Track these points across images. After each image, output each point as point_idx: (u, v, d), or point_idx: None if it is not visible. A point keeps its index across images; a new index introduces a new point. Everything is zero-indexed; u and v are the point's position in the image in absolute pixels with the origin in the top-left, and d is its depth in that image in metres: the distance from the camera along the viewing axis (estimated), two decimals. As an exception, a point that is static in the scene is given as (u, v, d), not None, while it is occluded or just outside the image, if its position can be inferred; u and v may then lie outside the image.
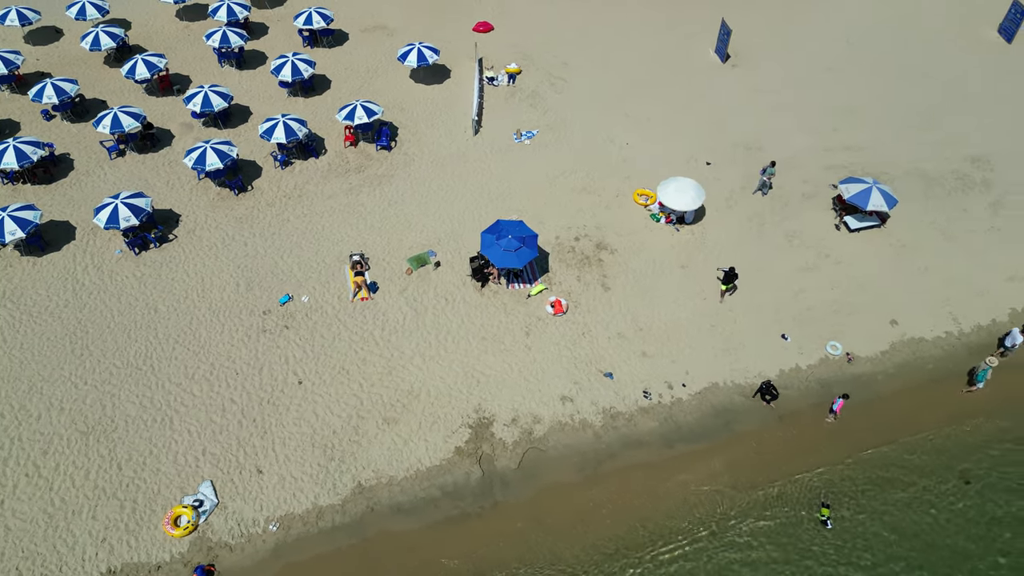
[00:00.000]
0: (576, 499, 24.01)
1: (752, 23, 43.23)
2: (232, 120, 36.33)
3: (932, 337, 28.21)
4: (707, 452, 25.25)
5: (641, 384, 26.56)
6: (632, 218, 31.78)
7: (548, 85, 39.02)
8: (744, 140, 35.67)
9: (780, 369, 27.20)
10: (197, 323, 27.42)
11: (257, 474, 23.84)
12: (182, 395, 25.43)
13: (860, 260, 30.40)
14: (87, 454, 23.91)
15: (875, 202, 29.78)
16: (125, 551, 22.09)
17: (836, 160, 34.57)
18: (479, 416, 25.50)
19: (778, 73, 39.84)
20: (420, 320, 27.86)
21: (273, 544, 22.59)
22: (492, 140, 35.57)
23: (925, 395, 26.78)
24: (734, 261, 30.03)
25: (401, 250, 30.24)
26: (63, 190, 32.48)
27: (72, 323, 27.26)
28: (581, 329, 27.92)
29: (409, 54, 37.53)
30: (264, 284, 28.81)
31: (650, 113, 37.21)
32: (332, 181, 33.26)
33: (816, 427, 25.92)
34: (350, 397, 25.68)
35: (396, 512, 23.49)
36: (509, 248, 27.44)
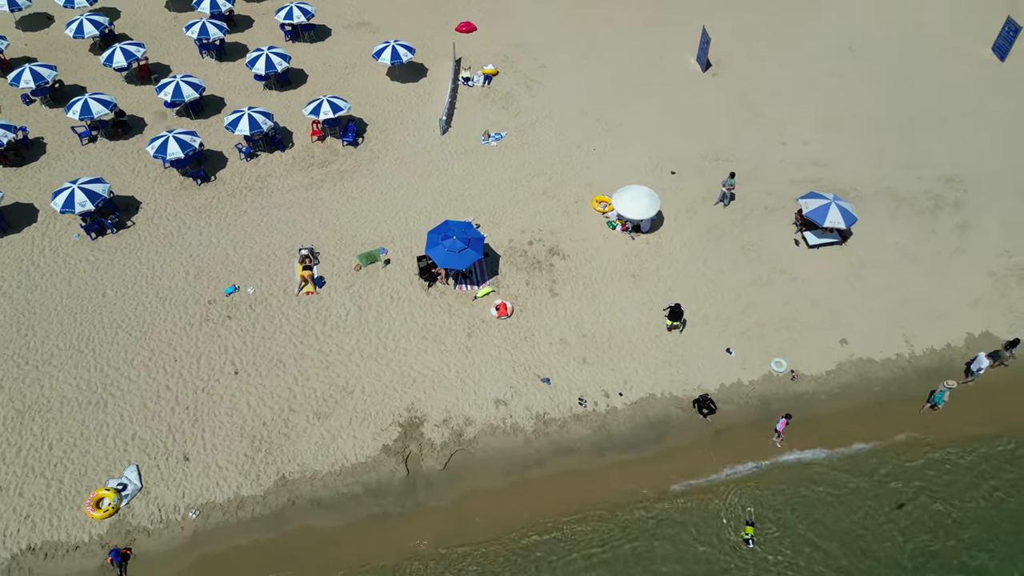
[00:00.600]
0: (498, 504, 23.87)
1: (741, 33, 42.77)
2: (206, 111, 36.69)
3: (882, 359, 27.68)
4: (637, 463, 24.99)
5: (578, 391, 26.37)
6: (589, 224, 31.58)
7: (523, 88, 38.93)
8: (714, 151, 35.30)
9: (721, 383, 26.85)
10: (142, 309, 27.71)
11: (183, 461, 24.01)
12: (119, 379, 25.70)
13: (816, 277, 29.92)
14: (20, 432, 24.25)
15: (832, 218, 29.31)
16: (46, 529, 22.37)
17: (803, 174, 34.08)
18: (411, 415, 25.47)
19: (759, 84, 39.37)
20: (363, 317, 27.90)
21: (191, 531, 22.74)
22: (459, 140, 35.56)
23: (867, 416, 26.25)
24: (687, 272, 29.76)
25: (353, 246, 30.32)
26: (32, 173, 33.00)
27: (21, 304, 27.68)
28: (524, 333, 27.78)
29: (383, 52, 37.65)
30: (213, 274, 29.03)
31: (622, 119, 36.97)
32: (294, 175, 33.45)
33: (750, 443, 25.53)
34: (284, 390, 25.78)
35: (316, 507, 23.53)
36: (453, 249, 27.39)
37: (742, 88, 39.11)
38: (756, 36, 42.90)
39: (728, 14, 44.54)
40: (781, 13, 44.98)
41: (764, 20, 44.32)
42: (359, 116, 36.69)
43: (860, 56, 41.44)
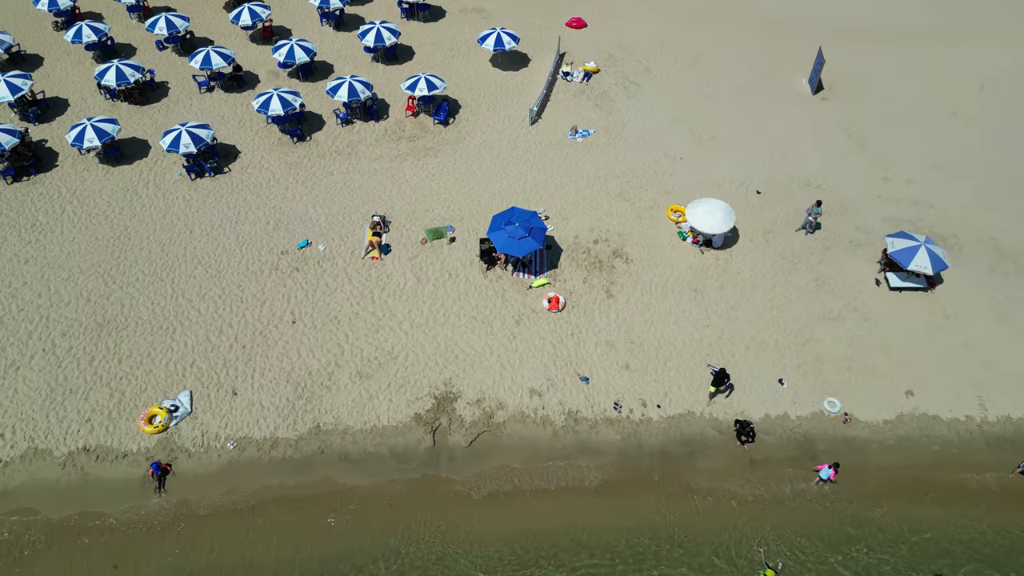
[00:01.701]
0: (513, 491, 24.02)
1: (864, 60, 40.70)
2: (314, 75, 38.55)
3: (949, 418, 25.82)
4: (662, 477, 24.47)
5: (615, 396, 26.09)
6: (659, 232, 31.06)
7: (621, 88, 38.63)
8: (806, 176, 33.85)
9: (767, 413, 25.86)
10: (221, 251, 29.57)
11: (232, 395, 25.53)
12: (190, 310, 27.58)
13: (892, 321, 28.21)
14: (97, 343, 26.49)
15: (919, 262, 27.52)
16: (102, 434, 24.39)
17: (900, 213, 32.12)
18: (446, 390, 26.00)
19: (870, 114, 37.37)
20: (419, 288, 28.66)
21: (226, 461, 24.19)
22: (546, 133, 35.74)
23: (919, 475, 24.60)
24: (752, 294, 28.78)
25: (424, 220, 31.15)
26: (152, 113, 35.80)
27: (120, 229, 30.16)
28: (571, 329, 27.73)
29: (488, 37, 38.32)
30: (291, 227, 30.60)
31: (716, 132, 36.05)
32: (383, 145, 34.67)
33: (785, 479, 24.48)
34: (334, 345, 26.90)
35: (343, 460, 24.48)
36: (514, 235, 27.66)
37: (850, 116, 37.24)
38: (880, 65, 40.68)
39: (854, 39, 42.48)
40: (912, 45, 42.39)
41: (892, 50, 41.92)
42: (454, 97, 37.54)
43: (989, 98, 38.54)
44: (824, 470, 24.08)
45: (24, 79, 34.13)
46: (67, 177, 32.19)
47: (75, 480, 23.37)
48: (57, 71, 37.99)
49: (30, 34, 40.04)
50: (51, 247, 29.24)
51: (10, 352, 25.91)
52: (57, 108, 35.81)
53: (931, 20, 44.56)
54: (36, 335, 26.52)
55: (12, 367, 25.54)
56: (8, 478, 23.23)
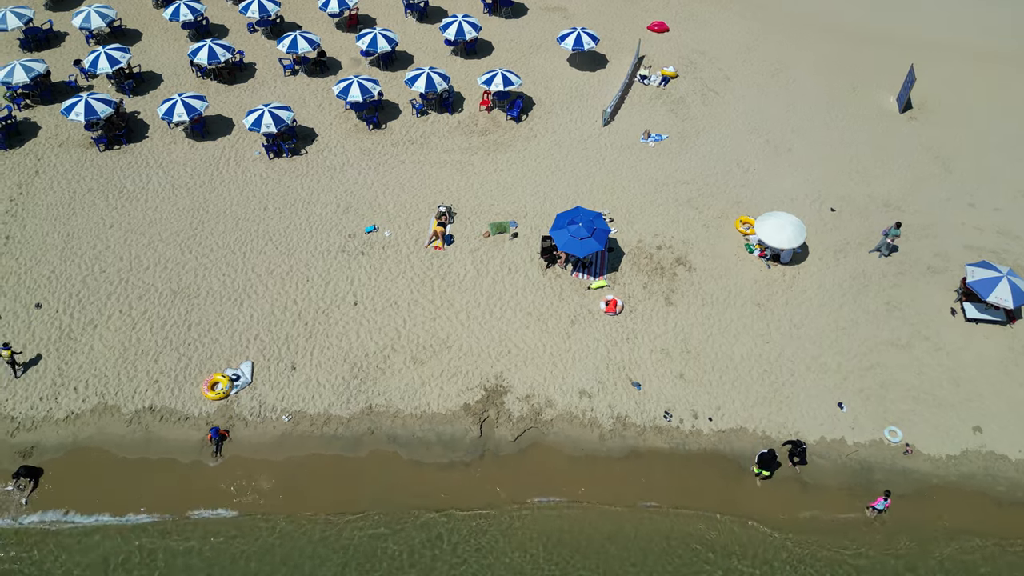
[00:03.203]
0: (553, 488, 24.07)
1: (961, 81, 38.93)
2: (395, 64, 39.32)
3: (1017, 459, 24.55)
4: (701, 490, 24.07)
5: (666, 404, 25.80)
6: (726, 243, 30.49)
7: (699, 95, 38.04)
8: (886, 196, 32.64)
9: (822, 436, 25.12)
10: (292, 229, 30.53)
11: (291, 369, 26.37)
12: (258, 285, 28.59)
13: (966, 353, 26.97)
14: (170, 309, 27.74)
15: (1000, 294, 26.22)
16: (168, 396, 25.56)
17: (984, 242, 30.62)
18: (497, 383, 26.20)
19: (961, 137, 35.72)
20: (479, 281, 28.94)
21: (280, 432, 25.01)
22: (618, 135, 35.52)
23: (982, 515, 23.48)
24: (818, 313, 28.00)
25: (489, 214, 31.42)
26: (238, 92, 37.21)
27: (200, 201, 31.49)
28: (627, 334, 27.53)
29: (568, 37, 38.30)
30: (360, 212, 31.33)
31: (793, 145, 35.11)
32: (455, 137, 35.10)
33: (836, 505, 23.75)
34: (391, 330, 27.44)
35: (391, 441, 24.98)
36: (576, 235, 27.63)
37: (939, 137, 35.68)
38: (977, 86, 38.82)
39: (952, 58, 40.67)
40: (1015, 66, 40.24)
41: (992, 71, 39.92)
42: (529, 94, 37.68)
43: (1095, 127, 36.33)
44: (880, 503, 23.23)
45: (123, 52, 35.97)
46: (155, 148, 33.78)
47: (139, 437, 24.57)
48: (154, 47, 39.87)
49: (131, 10, 42.12)
50: (135, 213, 30.76)
51: (90, 311, 27.39)
52: (151, 82, 37.60)
53: (1035, 42, 42.31)
54: (115, 296, 27.95)
55: (91, 325, 27.00)
56: (78, 430, 24.60)
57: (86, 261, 28.95)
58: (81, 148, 33.50)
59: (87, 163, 32.84)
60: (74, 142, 33.77)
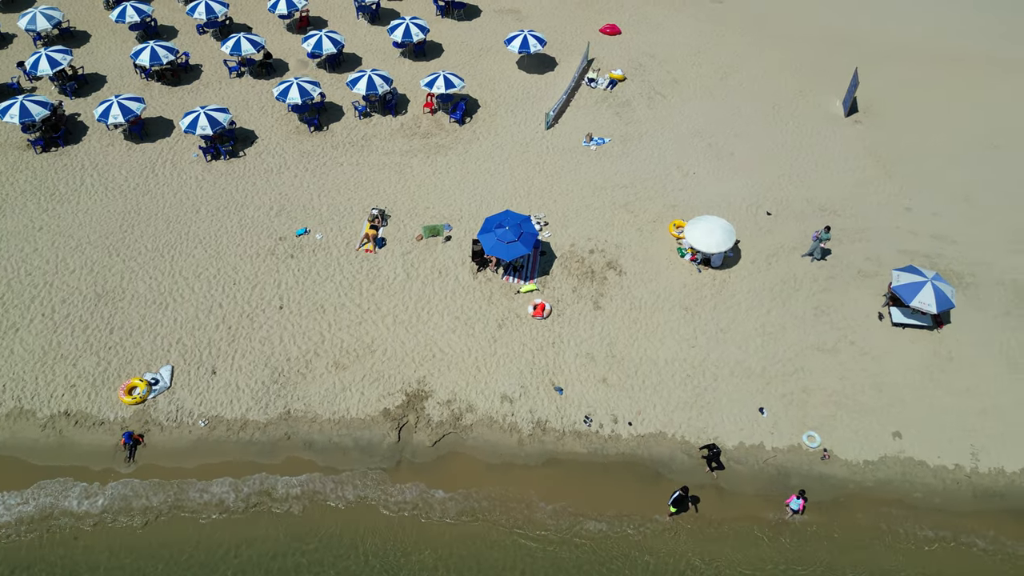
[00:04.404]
0: (465, 494, 23.89)
1: (909, 85, 38.85)
2: (343, 67, 39.15)
3: (936, 465, 24.44)
4: (617, 495, 23.90)
5: (587, 409, 25.65)
6: (659, 247, 30.38)
7: (645, 98, 37.94)
8: (824, 200, 32.54)
9: (741, 442, 24.99)
10: (223, 232, 30.34)
11: (211, 374, 26.16)
12: (184, 288, 28.39)
13: (891, 359, 26.87)
14: (93, 312, 27.53)
15: (923, 299, 26.13)
16: (84, 401, 25.33)
17: (918, 246, 30.55)
18: (419, 387, 26.03)
19: (904, 140, 35.65)
20: (408, 284, 28.78)
21: (196, 437, 24.80)
22: (561, 138, 35.40)
23: (897, 524, 23.36)
24: (745, 318, 27.88)
25: (424, 217, 31.27)
26: (182, 94, 37.01)
27: (132, 204, 31.28)
28: (553, 338, 27.39)
29: (515, 39, 38.18)
30: (293, 214, 31.16)
31: (735, 149, 35.01)
32: (397, 140, 34.95)
33: (751, 511, 23.61)
34: (315, 334, 27.26)
35: (307, 448, 24.79)
36: (503, 239, 27.49)
37: (882, 141, 35.62)
38: (925, 89, 38.75)
39: (902, 61, 40.63)
40: (964, 70, 40.19)
41: (941, 74, 39.84)
42: (475, 97, 37.56)
43: (1043, 131, 36.29)
44: (793, 501, 23.11)
45: (64, 54, 35.76)
46: (92, 151, 33.56)
47: (52, 442, 24.35)
48: (101, 49, 39.68)
49: (83, 11, 41.91)
50: (65, 216, 30.54)
51: (12, 314, 27.18)
52: (95, 84, 37.40)
53: (989, 44, 42.22)
54: (39, 300, 27.73)
55: (12, 328, 26.78)
56: (-8, 434, 24.40)
57: (12, 264, 28.73)
58: (18, 150, 33.27)
59: (22, 165, 32.61)
60: (11, 144, 33.55)
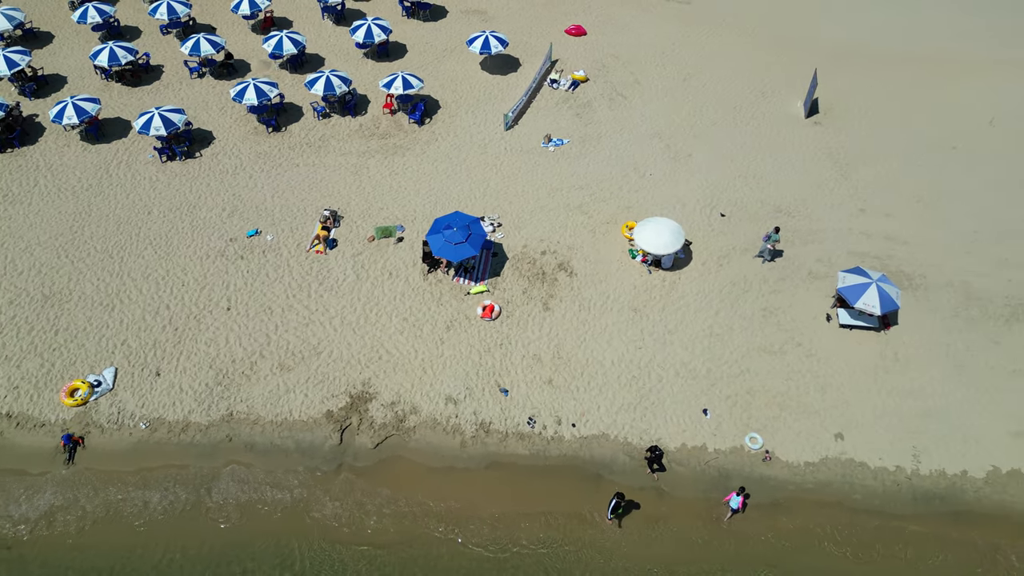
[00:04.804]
0: (405, 493, 23.84)
1: (870, 86, 38.88)
2: (305, 67, 39.05)
3: (876, 467, 24.45)
4: (558, 499, 23.85)
5: (532, 411, 25.61)
6: (611, 248, 30.35)
7: (606, 99, 37.93)
8: (780, 201, 32.56)
9: (684, 443, 24.98)
10: (174, 233, 30.24)
11: (155, 376, 26.06)
12: (132, 290, 28.28)
13: (836, 360, 26.89)
14: (39, 314, 27.41)
15: (867, 300, 26.15)
16: (26, 402, 25.22)
17: (870, 247, 30.57)
18: (363, 389, 25.97)
19: (862, 142, 35.68)
20: (358, 286, 28.71)
21: (136, 440, 24.70)
22: (520, 139, 35.37)
23: (836, 524, 23.36)
24: (693, 319, 27.89)
25: (377, 218, 31.22)
26: (141, 95, 36.89)
27: (84, 205, 31.16)
28: (501, 339, 27.34)
29: (476, 40, 38.14)
30: (246, 215, 31.07)
31: (693, 150, 35.01)
32: (354, 141, 34.88)
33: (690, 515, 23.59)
34: (262, 336, 27.17)
35: (248, 449, 24.71)
36: (450, 240, 27.45)
37: (841, 142, 35.66)
38: (886, 90, 38.77)
39: (865, 62, 40.64)
40: (926, 71, 40.18)
41: (904, 75, 39.82)
42: (436, 98, 37.51)
43: (997, 133, 36.31)
44: (733, 499, 23.07)
45: (23, 55, 35.61)
46: (47, 152, 33.44)
47: (-9, 443, 24.24)
48: (63, 49, 39.53)
49: (47, 12, 41.77)
50: (16, 217, 30.41)
51: (-43, 315, 27.05)
52: (55, 84, 37.26)
53: (952, 46, 42.28)
54: (-15, 301, 27.61)
55: (-44, 330, 26.66)
56: (-70, 436, 24.27)
57: (-41, 265, 28.62)
58: (-28, 151, 33.16)
59: (-25, 166, 32.49)
60: (-34, 145, 33.41)
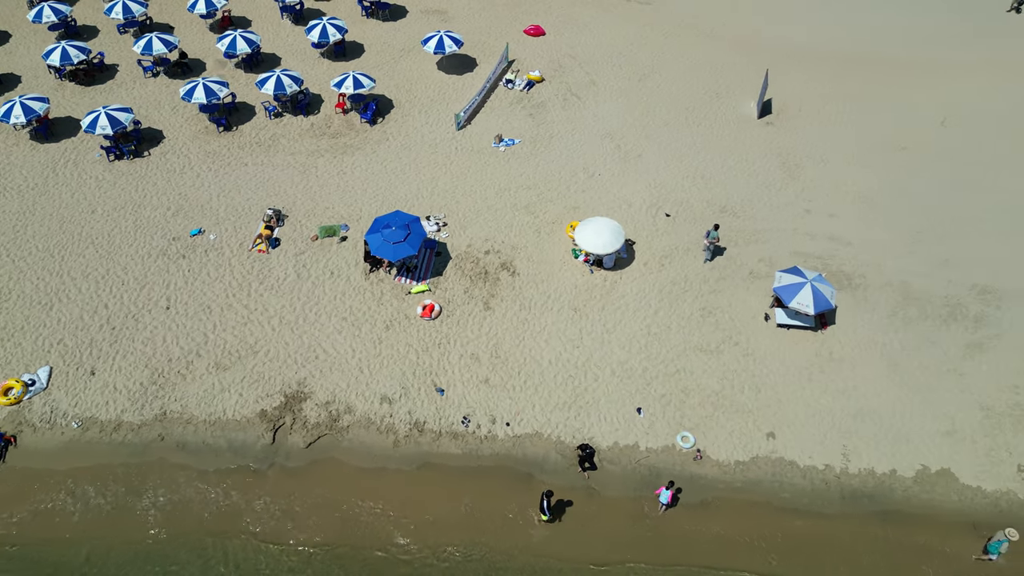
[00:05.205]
0: (335, 495, 23.84)
1: (826, 87, 39.04)
2: (261, 66, 39.00)
3: (806, 466, 24.56)
4: (489, 499, 23.90)
5: (467, 410, 25.64)
6: (555, 248, 30.42)
7: (560, 99, 38.01)
8: (725, 202, 32.67)
9: (616, 442, 25.06)
10: (117, 232, 30.18)
11: (90, 375, 26.01)
12: (71, 289, 28.22)
13: (772, 359, 27.01)
14: (-24, 313, 27.33)
15: (801, 300, 26.28)
16: (-41, 402, 25.13)
17: (813, 248, 30.71)
18: (299, 389, 25.97)
19: (813, 143, 35.81)
20: (298, 285, 28.71)
21: (68, 439, 24.66)
22: (472, 139, 35.41)
23: (762, 523, 23.46)
24: (632, 318, 27.99)
25: (323, 217, 31.21)
26: (93, 94, 36.81)
27: (28, 203, 31.08)
28: (440, 339, 27.38)
29: (431, 40, 38.17)
30: (191, 214, 31.03)
31: (644, 151, 35.12)
32: (305, 140, 34.88)
33: (621, 515, 23.67)
34: (200, 335, 27.15)
35: (180, 449, 24.69)
36: (389, 239, 27.48)
37: (791, 144, 35.81)
38: (839, 91, 38.91)
39: (820, 63, 40.81)
40: (881, 73, 40.30)
41: (858, 77, 39.97)
42: (391, 97, 37.54)
43: (949, 134, 36.51)
44: (663, 493, 23.11)
45: (-27, 54, 35.49)
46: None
47: (-80, 443, 24.13)
48: (20, 49, 39.43)
49: (5, 11, 41.66)
50: (-42, 217, 30.33)
51: None
52: (9, 84, 37.15)
53: (907, 48, 42.44)
54: (-78, 300, 27.50)
55: None
56: None
57: (-102, 264, 28.50)
58: (-81, 149, 33.03)
59: (-79, 165, 32.37)
60: (-87, 143, 33.29)
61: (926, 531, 23.46)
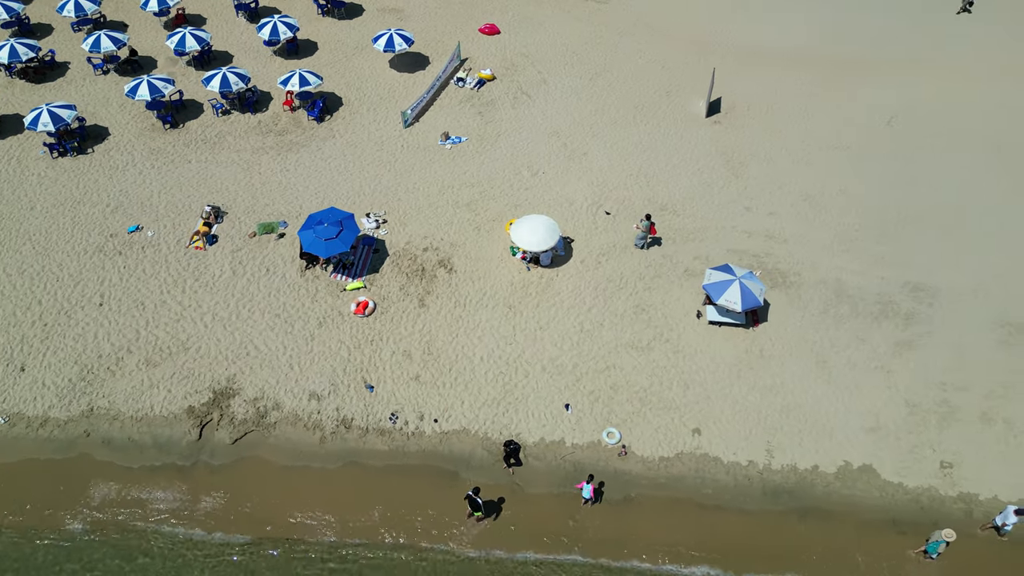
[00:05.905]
0: (259, 493, 23.87)
1: (778, 87, 39.24)
2: (213, 64, 38.97)
3: (729, 462, 24.72)
4: (413, 497, 23.97)
5: (395, 407, 25.71)
6: (493, 246, 30.51)
7: (510, 98, 38.11)
8: (666, 200, 32.82)
9: (543, 438, 25.17)
10: (55, 228, 30.15)
11: (19, 371, 25.97)
12: (5, 285, 28.17)
13: (702, 356, 27.17)
14: (-93, 310, 27.26)
15: (730, 297, 26.44)
16: None
17: (749, 245, 30.89)
18: (227, 385, 25.99)
19: (758, 142, 36.00)
20: (233, 282, 28.72)
21: (-8, 435, 24.60)
22: (419, 137, 35.48)
23: (685, 521, 23.61)
24: (565, 315, 28.10)
25: (262, 214, 31.23)
26: (43, 91, 36.74)
27: (-33, 200, 31.02)
28: (372, 336, 27.44)
29: (381, 38, 38.23)
30: (129, 211, 31.01)
31: (589, 149, 35.24)
32: (250, 138, 34.89)
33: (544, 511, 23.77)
34: (131, 331, 27.14)
35: (105, 444, 24.69)
36: (321, 236, 27.53)
37: (736, 142, 35.98)
38: (788, 91, 39.13)
39: (771, 63, 40.99)
40: (832, 72, 40.51)
41: (808, 76, 40.17)
42: (340, 95, 37.57)
43: (894, 134, 36.74)
44: (584, 487, 23.21)
45: (-82, 51, 35.36)
46: (-64, 147, 33.24)
47: None
48: (-30, 45, 39.19)
49: (-42, 8, 41.40)
50: None
51: None
52: (-43, 81, 37.02)
53: (855, 49, 42.62)
54: None
55: None
56: None
57: None
58: None
59: None
60: None
61: (845, 527, 23.62)
